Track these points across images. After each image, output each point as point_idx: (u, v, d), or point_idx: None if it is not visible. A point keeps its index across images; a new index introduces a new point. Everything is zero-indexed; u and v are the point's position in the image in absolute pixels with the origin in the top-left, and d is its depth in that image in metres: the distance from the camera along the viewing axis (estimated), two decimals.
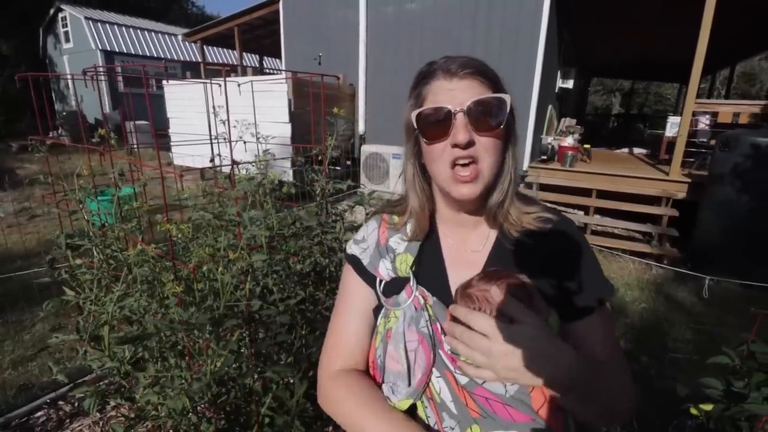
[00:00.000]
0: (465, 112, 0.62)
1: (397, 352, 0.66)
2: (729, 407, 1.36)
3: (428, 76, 0.67)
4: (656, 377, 2.52)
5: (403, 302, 0.69)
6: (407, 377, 0.65)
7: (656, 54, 10.27)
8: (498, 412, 0.60)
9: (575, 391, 0.57)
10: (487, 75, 0.65)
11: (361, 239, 0.80)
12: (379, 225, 0.79)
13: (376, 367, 0.71)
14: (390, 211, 0.80)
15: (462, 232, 0.74)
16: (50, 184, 1.78)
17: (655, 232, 4.82)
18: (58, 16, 15.79)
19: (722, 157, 4.14)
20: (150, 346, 1.32)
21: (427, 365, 0.64)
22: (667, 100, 26.14)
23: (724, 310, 3.43)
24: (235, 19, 8.75)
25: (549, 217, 0.71)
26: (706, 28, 4.49)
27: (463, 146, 0.62)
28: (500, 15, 5.73)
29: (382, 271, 0.74)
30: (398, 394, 0.65)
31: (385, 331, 0.70)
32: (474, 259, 0.72)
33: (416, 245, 0.73)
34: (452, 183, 0.65)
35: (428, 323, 0.66)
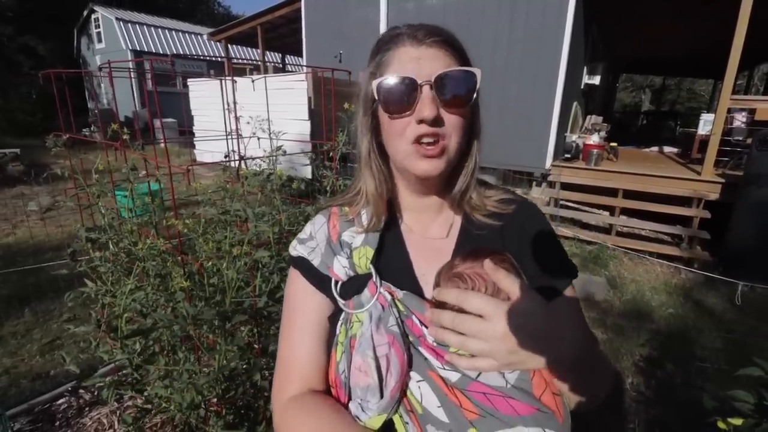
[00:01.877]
0: (432, 85, 0.56)
1: (364, 361, 0.56)
2: (760, 422, 1.28)
3: (391, 41, 0.59)
4: (682, 387, 2.40)
5: (366, 302, 0.60)
6: (378, 389, 0.55)
7: (689, 49, 9.83)
8: (499, 408, 0.53)
9: (577, 368, 0.53)
10: (455, 45, 0.59)
11: (308, 237, 0.69)
12: (328, 219, 0.70)
13: (339, 386, 0.60)
14: (339, 203, 0.71)
15: (423, 219, 0.68)
16: (73, 179, 1.84)
17: (685, 235, 4.61)
18: (91, 18, 16.43)
19: (759, 156, 3.92)
20: (161, 340, 1.34)
21: (401, 370, 0.55)
22: (701, 97, 25.03)
23: (758, 318, 3.25)
24: (258, 18, 8.87)
25: (511, 199, 0.68)
26: (743, 20, 4.25)
27: (430, 122, 0.56)
28: (524, 9, 5.59)
29: (338, 270, 0.64)
30: (369, 411, 0.56)
31: (347, 341, 0.60)
32: (440, 246, 0.67)
33: (375, 236, 0.64)
34: (414, 158, 0.58)
35: (399, 320, 0.58)
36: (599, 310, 3.31)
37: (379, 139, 0.63)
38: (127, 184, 1.43)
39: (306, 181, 1.58)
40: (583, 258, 4.39)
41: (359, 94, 0.64)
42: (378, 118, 0.62)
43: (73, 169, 1.49)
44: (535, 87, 5.58)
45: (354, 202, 0.69)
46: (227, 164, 1.44)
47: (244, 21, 9.40)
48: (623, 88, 26.22)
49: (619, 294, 3.64)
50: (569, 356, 0.50)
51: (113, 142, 1.47)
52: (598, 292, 3.56)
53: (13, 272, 3.41)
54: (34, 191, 6.51)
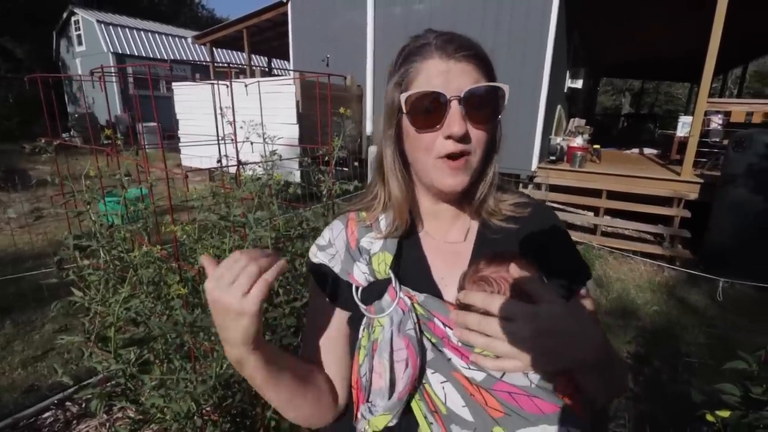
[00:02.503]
0: (460, 101, 0.56)
1: (381, 363, 0.58)
2: (747, 414, 1.32)
3: (418, 53, 0.59)
4: (669, 382, 2.47)
5: (387, 307, 0.61)
6: (388, 391, 0.57)
7: (666, 53, 10.13)
8: (524, 407, 0.54)
9: (598, 368, 0.55)
10: (483, 59, 0.59)
11: (327, 244, 0.70)
12: (346, 225, 0.70)
13: (359, 388, 0.61)
14: (357, 208, 0.72)
15: (441, 224, 0.69)
16: (61, 186, 1.80)
17: (667, 234, 4.75)
18: (71, 20, 16.05)
19: (735, 157, 4.06)
20: (156, 348, 1.32)
21: (413, 373, 0.56)
22: (678, 99, 25.79)
23: (738, 314, 3.36)
24: (244, 21, 8.81)
25: (525, 202, 0.69)
26: (718, 26, 4.41)
27: (458, 139, 0.57)
28: (508, 15, 5.69)
29: (358, 276, 0.65)
30: (375, 411, 0.58)
31: (370, 344, 0.61)
32: (458, 250, 0.67)
33: (393, 242, 0.65)
34: (439, 173, 0.60)
35: (416, 325, 0.59)
36: None
37: (401, 148, 0.64)
38: (119, 190, 1.41)
39: (301, 186, 1.58)
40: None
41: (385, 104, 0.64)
42: (402, 128, 0.62)
43: (61, 176, 1.46)
44: (521, 91, 5.68)
45: (371, 207, 0.69)
46: (223, 169, 1.43)
47: (230, 24, 9.32)
48: (604, 92, 26.85)
49: (606, 293, 3.71)
50: (592, 357, 0.52)
51: (103, 147, 1.45)
52: None
53: None
54: (11, 198, 6.32)
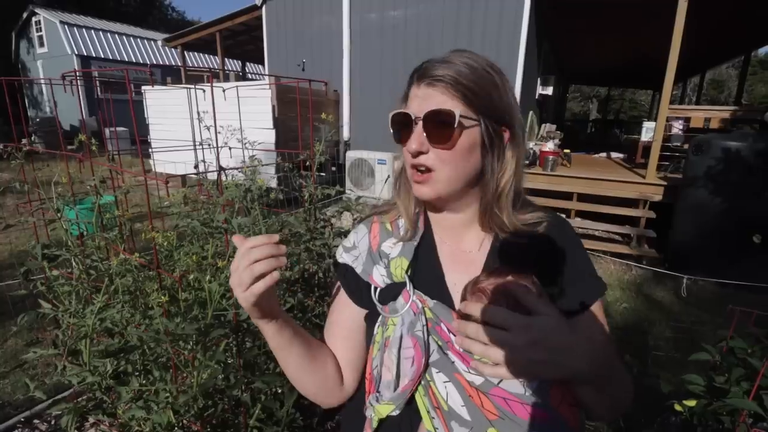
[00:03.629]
0: (420, 121, 0.64)
1: (389, 358, 0.64)
2: (711, 402, 1.40)
3: (411, 78, 0.68)
4: (640, 375, 2.57)
5: (401, 308, 0.67)
6: (394, 384, 0.64)
7: (631, 61, 10.63)
8: (517, 413, 0.58)
9: (594, 381, 0.57)
10: (459, 86, 0.63)
11: (352, 246, 0.77)
12: (369, 230, 0.77)
13: (372, 380, 0.69)
14: (380, 213, 0.79)
15: (456, 233, 0.74)
16: (25, 193, 1.72)
17: (634, 234, 4.95)
18: (31, 20, 15.34)
19: (695, 161, 4.29)
20: (133, 359, 1.28)
21: (417, 371, 0.62)
22: (642, 106, 27.03)
23: (701, 309, 3.54)
24: (217, 24, 8.67)
25: (543, 217, 0.72)
26: (678, 37, 4.67)
27: (414, 154, 0.65)
28: (481, 24, 5.84)
29: (377, 277, 0.72)
30: (381, 400, 0.65)
31: (383, 341, 0.67)
32: (471, 260, 0.71)
33: (411, 248, 0.71)
34: (413, 182, 0.68)
35: (424, 327, 0.64)
36: None
37: None
38: (88, 197, 1.36)
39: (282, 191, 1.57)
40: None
41: None
42: None
43: (28, 183, 1.40)
44: None
45: (392, 212, 0.77)
46: (201, 175, 1.41)
47: (202, 27, 9.14)
48: (573, 98, 27.83)
49: None
50: (586, 370, 0.54)
51: (74, 153, 1.40)
52: None
53: None
54: None
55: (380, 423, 0.66)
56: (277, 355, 0.69)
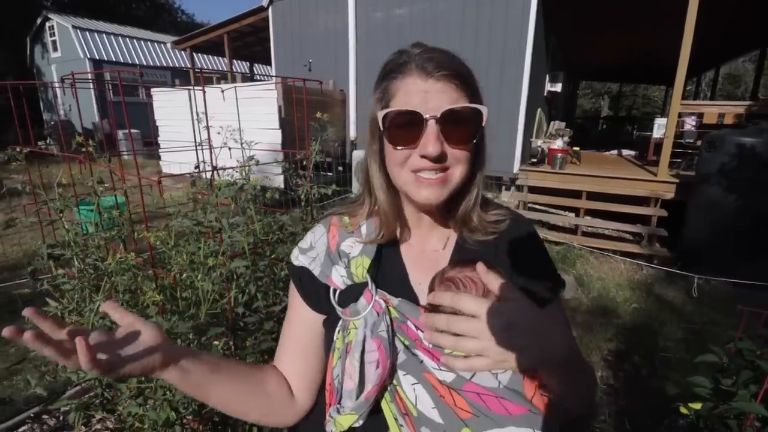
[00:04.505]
0: (437, 120, 0.56)
1: (351, 364, 0.59)
2: (717, 405, 1.37)
3: (399, 70, 0.59)
4: (648, 377, 2.53)
5: (363, 309, 0.62)
6: (356, 391, 0.58)
7: (642, 57, 10.44)
8: (492, 408, 0.55)
9: (567, 369, 0.56)
10: (465, 79, 0.59)
11: (309, 247, 0.71)
12: (327, 229, 0.72)
13: (332, 390, 0.63)
14: (340, 212, 0.73)
15: (421, 232, 0.71)
16: (34, 195, 1.76)
17: (645, 233, 4.87)
18: (45, 26, 15.68)
19: (708, 158, 4.20)
20: None
21: (382, 374, 0.57)
22: (655, 102, 26.55)
23: (713, 309, 3.46)
24: (225, 26, 8.75)
25: (507, 217, 0.71)
26: (689, 32, 4.57)
27: (433, 159, 0.57)
28: (487, 20, 5.79)
29: (336, 279, 0.67)
30: (342, 411, 0.59)
31: (344, 346, 0.62)
32: (436, 258, 0.69)
33: (373, 247, 0.67)
34: (414, 187, 0.61)
35: (389, 327, 0.60)
36: (568, 308, 3.44)
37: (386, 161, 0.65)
38: (92, 197, 1.38)
39: (279, 191, 1.58)
40: (552, 258, 4.54)
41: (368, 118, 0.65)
42: (384, 143, 0.63)
43: (33, 184, 1.43)
44: (501, 95, 5.77)
45: (356, 213, 0.71)
46: (198, 175, 1.42)
47: (210, 29, 9.24)
48: (583, 95, 27.47)
49: (587, 291, 3.79)
50: (559, 355, 0.53)
51: (76, 155, 1.42)
52: (567, 290, 3.70)
53: None
54: None
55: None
56: (195, 396, 0.62)
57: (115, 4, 22.94)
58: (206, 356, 0.63)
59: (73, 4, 19.94)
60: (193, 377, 0.59)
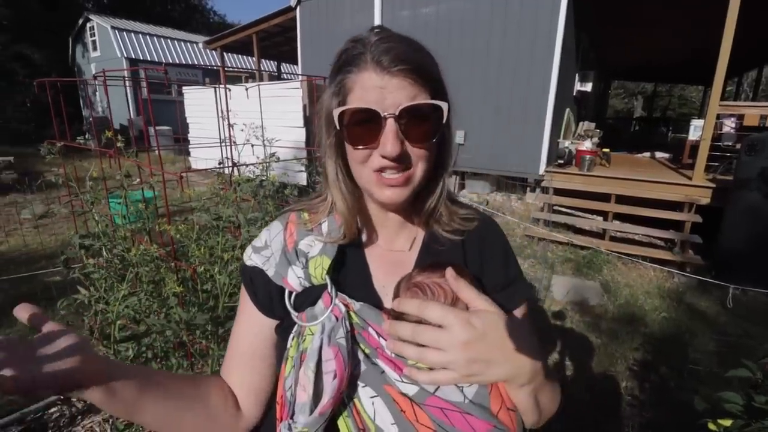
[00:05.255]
0: (396, 118, 0.53)
1: (305, 374, 0.53)
2: (749, 423, 1.29)
3: (353, 62, 0.55)
4: (675, 390, 2.42)
5: (320, 314, 0.57)
6: (310, 405, 0.52)
7: (679, 56, 10.00)
8: (456, 424, 0.51)
9: (535, 381, 0.53)
10: (425, 73, 0.55)
11: (263, 245, 0.65)
12: (284, 226, 0.66)
13: (284, 404, 0.56)
14: (299, 209, 0.68)
15: (387, 232, 0.67)
16: (70, 187, 1.85)
17: (678, 239, 4.66)
18: (86, 26, 16.46)
19: (748, 161, 3.98)
20: (154, 346, 1.34)
21: (338, 385, 0.52)
22: (692, 103, 25.39)
23: (749, 321, 3.28)
24: (254, 26, 8.94)
25: (475, 217, 0.68)
26: (730, 28, 4.34)
27: (392, 158, 0.54)
28: (516, 18, 5.68)
29: (292, 280, 0.61)
30: (294, 428, 0.53)
31: (298, 355, 0.57)
32: (401, 259, 0.66)
33: (334, 247, 0.61)
34: (377, 186, 0.57)
35: (348, 334, 0.56)
36: (593, 315, 3.33)
37: (345, 157, 0.61)
38: (120, 191, 1.44)
39: (300, 188, 1.60)
40: (577, 263, 4.42)
41: (321, 112, 0.60)
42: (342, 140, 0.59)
43: (67, 177, 1.50)
44: (528, 94, 5.65)
45: (316, 210, 0.66)
46: (221, 171, 1.45)
47: (240, 29, 9.46)
48: (615, 95, 26.57)
49: (613, 298, 3.66)
50: (528, 369, 0.50)
51: (107, 150, 1.48)
52: (592, 296, 3.58)
53: (5, 280, 3.38)
54: (27, 199, 6.48)
55: None
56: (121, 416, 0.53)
57: (151, 5, 23.83)
58: (135, 370, 0.55)
59: (113, 5, 20.84)
60: (121, 395, 0.50)
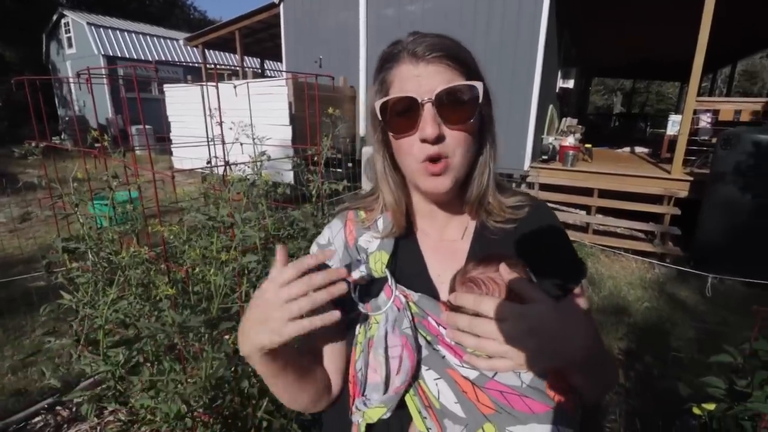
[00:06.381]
0: (433, 103, 0.56)
1: (376, 359, 0.59)
2: (732, 406, 1.34)
3: (392, 58, 0.60)
4: (659, 377, 2.49)
5: (383, 304, 0.62)
6: (384, 385, 0.59)
7: (657, 53, 10.24)
8: (515, 405, 0.55)
9: (588, 365, 0.55)
10: (459, 58, 0.58)
11: (327, 243, 0.71)
12: (344, 224, 0.72)
13: (355, 382, 0.64)
14: (355, 207, 0.73)
15: (438, 223, 0.70)
16: (49, 189, 1.79)
17: (658, 231, 4.79)
18: (60, 22, 15.91)
19: (724, 155, 4.11)
20: (145, 350, 1.32)
21: (411, 371, 0.58)
22: (669, 99, 26.08)
23: (727, 309, 3.40)
24: (237, 23, 8.78)
25: (525, 203, 0.70)
26: (705, 25, 4.47)
27: (432, 141, 0.57)
28: (499, 16, 5.72)
29: (356, 274, 0.66)
30: (369, 403, 0.60)
31: (366, 341, 0.63)
32: (455, 249, 0.68)
33: (390, 241, 0.66)
34: (421, 176, 0.60)
35: (412, 323, 0.60)
36: None
37: (392, 152, 0.65)
38: (107, 192, 1.40)
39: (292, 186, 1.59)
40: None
41: (368, 112, 0.65)
42: (387, 135, 0.63)
43: (49, 178, 1.45)
44: (513, 91, 5.71)
45: (371, 208, 0.70)
46: (210, 170, 1.43)
47: (222, 26, 9.29)
48: (596, 91, 27.08)
49: (598, 290, 3.75)
50: (580, 355, 0.52)
51: (91, 150, 1.44)
52: None
53: None
54: (1, 202, 6.25)
55: (368, 426, 0.62)
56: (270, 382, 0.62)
57: (127, 1, 23.17)
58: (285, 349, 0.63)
59: (88, 1, 20.19)
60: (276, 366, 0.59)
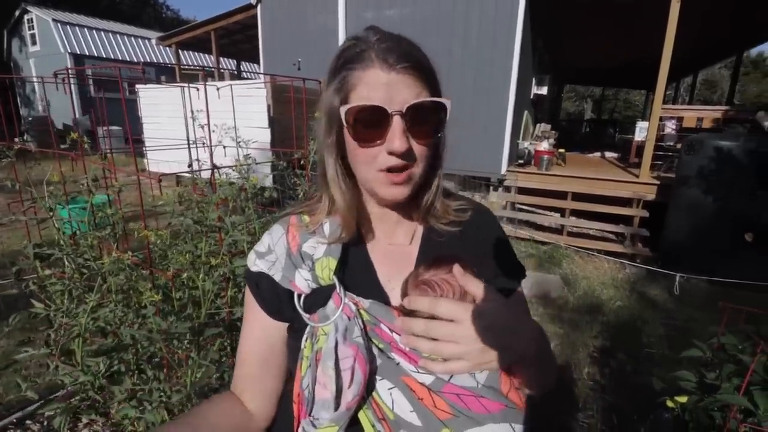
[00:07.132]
0: (402, 115, 0.54)
1: (325, 373, 0.55)
2: (702, 398, 1.42)
3: (357, 59, 0.56)
4: (633, 373, 2.59)
5: (332, 314, 0.59)
6: (334, 402, 0.54)
7: (624, 62, 10.70)
8: (472, 407, 0.55)
9: (538, 360, 0.57)
10: (427, 70, 0.57)
11: (267, 250, 0.66)
12: (286, 230, 0.67)
13: (302, 402, 0.58)
14: (299, 211, 0.69)
15: (386, 227, 0.69)
16: (17, 192, 1.71)
17: (628, 233, 4.99)
18: (23, 18, 15.19)
19: (688, 160, 4.33)
20: (126, 359, 1.28)
21: (363, 382, 0.54)
22: (636, 106, 27.23)
23: (693, 306, 3.58)
24: (213, 23, 8.63)
25: (468, 207, 0.71)
26: (670, 39, 4.71)
27: (400, 154, 0.55)
28: (476, 23, 5.85)
29: (300, 283, 0.62)
30: (319, 424, 0.55)
31: (313, 355, 0.58)
32: (404, 253, 0.68)
33: (338, 247, 0.63)
34: (381, 185, 0.59)
35: (363, 332, 0.58)
36: (555, 307, 3.50)
37: (344, 155, 0.62)
38: (83, 196, 1.36)
39: (277, 190, 1.58)
40: (539, 257, 4.62)
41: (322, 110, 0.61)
42: (343, 137, 0.60)
43: (21, 182, 1.39)
44: (489, 97, 5.84)
45: (315, 211, 0.67)
46: (193, 174, 1.40)
47: (197, 26, 9.10)
48: (567, 98, 27.99)
49: (573, 290, 3.86)
50: (533, 348, 0.54)
51: (67, 152, 1.39)
52: (553, 289, 3.77)
53: None
54: None
55: None
56: None
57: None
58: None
59: None
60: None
